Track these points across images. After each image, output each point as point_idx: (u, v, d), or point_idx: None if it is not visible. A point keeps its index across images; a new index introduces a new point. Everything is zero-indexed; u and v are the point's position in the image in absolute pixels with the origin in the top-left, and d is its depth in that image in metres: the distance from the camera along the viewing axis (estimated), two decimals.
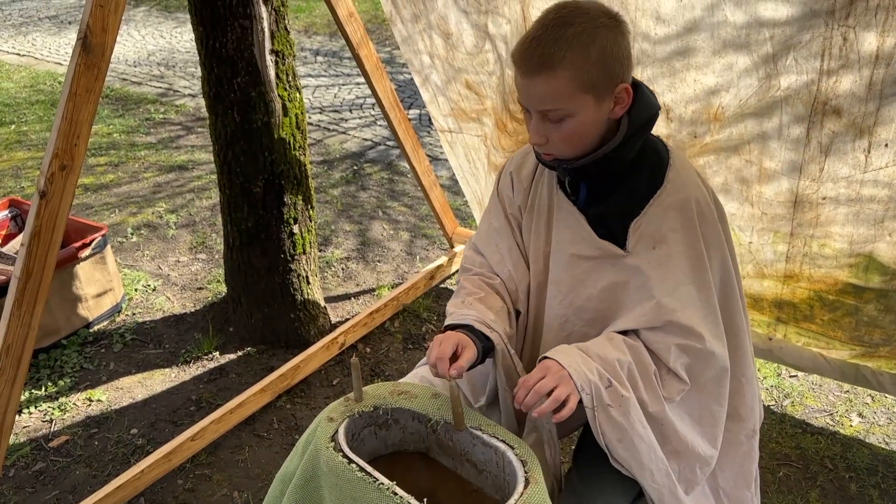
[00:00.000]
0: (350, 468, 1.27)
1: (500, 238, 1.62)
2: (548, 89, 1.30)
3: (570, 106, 1.31)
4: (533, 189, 1.57)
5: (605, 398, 1.34)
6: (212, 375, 2.88)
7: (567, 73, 1.28)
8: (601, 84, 1.31)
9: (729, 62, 1.92)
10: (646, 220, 1.41)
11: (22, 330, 1.83)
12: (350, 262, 3.70)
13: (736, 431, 1.55)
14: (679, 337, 1.39)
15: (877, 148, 1.86)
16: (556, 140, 1.36)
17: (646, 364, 1.40)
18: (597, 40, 1.28)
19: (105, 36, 1.70)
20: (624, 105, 1.36)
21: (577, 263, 1.49)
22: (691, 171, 1.45)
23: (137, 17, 8.65)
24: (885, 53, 1.68)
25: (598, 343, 1.41)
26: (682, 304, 1.39)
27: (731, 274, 1.48)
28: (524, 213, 1.59)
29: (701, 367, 1.42)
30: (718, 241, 1.44)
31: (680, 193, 1.41)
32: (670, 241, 1.40)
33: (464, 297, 1.56)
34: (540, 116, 1.35)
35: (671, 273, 1.40)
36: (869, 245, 2.07)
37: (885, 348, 2.26)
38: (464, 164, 2.97)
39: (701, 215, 1.41)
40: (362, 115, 5.76)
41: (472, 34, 2.40)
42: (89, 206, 4.26)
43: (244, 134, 2.60)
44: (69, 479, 2.41)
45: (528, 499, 1.22)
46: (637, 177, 1.43)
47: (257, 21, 2.45)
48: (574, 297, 1.50)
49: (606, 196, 1.45)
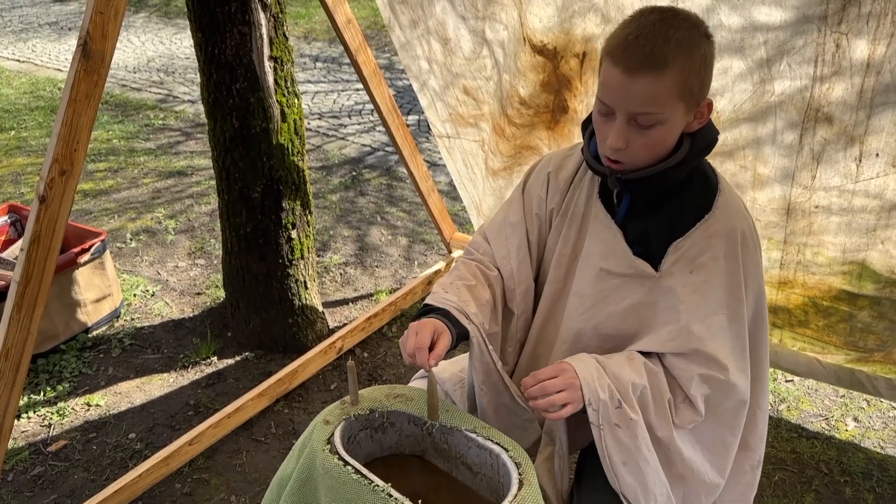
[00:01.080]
0: (346, 470, 1.28)
1: (512, 233, 1.59)
2: (651, 90, 1.24)
3: (666, 111, 1.27)
4: (570, 193, 1.53)
5: (612, 417, 1.33)
6: (210, 380, 2.89)
7: (674, 75, 1.23)
8: (696, 94, 1.28)
9: (724, 66, 1.93)
10: (689, 242, 1.39)
11: (21, 334, 1.84)
12: (348, 268, 3.71)
13: (742, 461, 1.53)
14: (703, 367, 1.37)
15: (868, 157, 1.86)
16: (636, 146, 1.31)
17: (661, 390, 1.38)
18: (700, 47, 1.26)
19: (105, 42, 1.71)
20: (702, 120, 1.34)
21: (604, 278, 1.46)
22: (739, 201, 1.43)
23: (137, 24, 8.68)
24: (876, 61, 1.68)
25: (616, 361, 1.39)
26: (713, 333, 1.37)
27: (765, 307, 1.46)
28: (556, 216, 1.55)
29: (720, 398, 1.40)
30: (757, 274, 1.42)
31: (727, 222, 1.38)
32: (710, 268, 1.37)
33: (454, 279, 1.54)
34: (626, 119, 1.28)
35: (705, 301, 1.37)
36: (861, 253, 2.08)
37: (879, 353, 2.27)
38: (461, 169, 2.99)
39: (745, 246, 1.39)
40: (361, 120, 5.78)
41: (470, 40, 2.42)
42: (88, 211, 4.27)
43: (243, 139, 2.61)
44: (67, 483, 2.41)
45: (522, 501, 1.23)
46: (684, 198, 1.40)
47: (256, 27, 2.47)
48: (596, 312, 1.48)
49: (649, 213, 1.42)
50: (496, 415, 1.53)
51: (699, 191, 1.41)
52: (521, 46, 2.27)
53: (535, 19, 2.17)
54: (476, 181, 2.96)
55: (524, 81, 2.36)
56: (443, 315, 1.45)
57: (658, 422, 1.38)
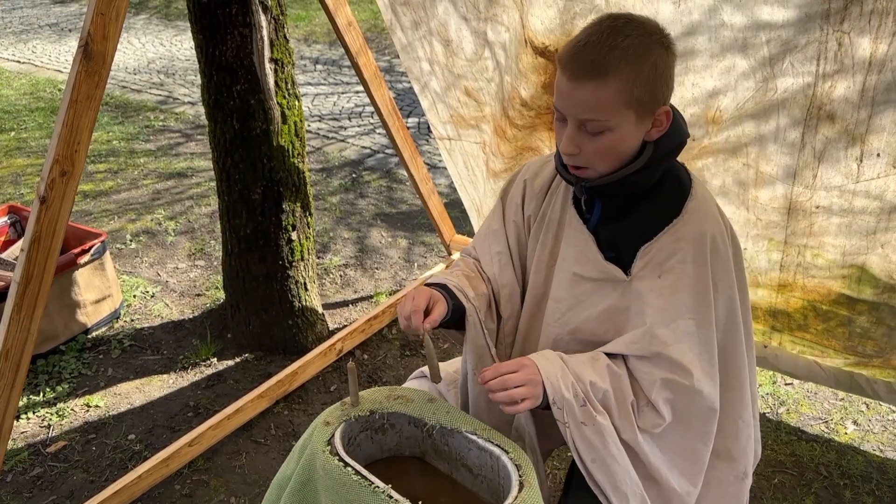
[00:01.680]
0: (346, 472, 1.28)
1: (493, 240, 1.62)
2: (594, 97, 1.25)
3: (612, 119, 1.27)
4: (546, 200, 1.55)
5: (578, 415, 1.34)
6: (210, 381, 2.89)
7: (617, 83, 1.24)
8: (646, 102, 1.28)
9: (727, 65, 1.92)
10: (656, 246, 1.39)
11: (21, 334, 1.84)
12: (348, 269, 3.71)
13: (726, 471, 1.51)
14: (666, 371, 1.36)
15: (868, 157, 1.87)
16: (588, 152, 1.32)
17: (624, 393, 1.38)
18: (650, 56, 1.25)
19: (106, 43, 1.71)
20: (661, 129, 1.34)
21: (578, 283, 1.47)
22: (712, 205, 1.43)
23: (138, 25, 8.68)
24: (878, 60, 1.69)
25: (580, 361, 1.40)
26: (677, 337, 1.36)
27: (738, 315, 1.45)
28: (534, 223, 1.57)
29: (686, 404, 1.38)
30: (728, 280, 1.41)
31: (696, 226, 1.38)
32: (677, 272, 1.37)
33: (455, 269, 1.58)
34: (577, 125, 1.30)
35: (672, 304, 1.37)
36: (861, 256, 2.08)
37: (877, 359, 2.27)
38: (462, 171, 2.99)
39: (714, 251, 1.38)
40: (361, 123, 5.78)
41: (472, 41, 2.42)
42: (88, 212, 4.27)
43: (243, 141, 2.61)
44: (67, 484, 2.41)
45: (523, 503, 1.23)
46: (655, 202, 1.40)
47: (257, 29, 2.47)
48: (572, 317, 1.49)
49: (621, 218, 1.43)
50: (488, 407, 1.54)
51: (670, 195, 1.40)
52: (523, 48, 2.27)
53: (537, 21, 2.17)
54: (477, 183, 2.96)
55: (525, 83, 2.36)
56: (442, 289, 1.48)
57: (622, 424, 1.37)
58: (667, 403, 1.37)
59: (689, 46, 1.95)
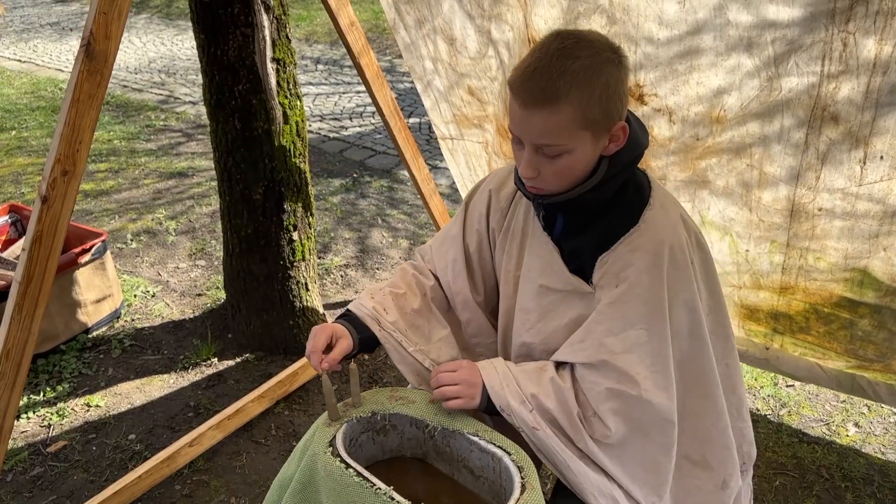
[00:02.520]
0: (348, 473, 1.27)
1: (450, 246, 1.63)
2: (547, 124, 1.25)
3: (568, 143, 1.27)
4: (511, 211, 1.56)
5: (529, 421, 1.36)
6: (210, 381, 2.88)
7: (570, 108, 1.23)
8: (600, 122, 1.27)
9: (731, 64, 1.92)
10: (612, 257, 1.38)
11: (22, 334, 1.83)
12: (349, 270, 3.71)
13: (705, 479, 1.48)
14: (612, 381, 1.35)
15: (872, 160, 1.86)
16: (547, 174, 1.32)
17: (570, 406, 1.37)
18: (601, 76, 1.24)
19: (108, 43, 1.70)
20: (619, 143, 1.33)
21: (545, 294, 1.48)
22: (672, 214, 1.41)
23: (139, 25, 8.68)
24: (883, 61, 1.68)
25: (526, 371, 1.41)
26: (626, 347, 1.34)
27: (702, 324, 1.41)
28: (499, 234, 1.58)
29: (638, 415, 1.36)
30: (689, 290, 1.39)
31: (653, 235, 1.37)
32: (631, 281, 1.35)
33: (385, 286, 1.60)
34: (533, 149, 1.30)
35: (622, 314, 1.36)
36: (863, 260, 2.07)
37: (878, 364, 2.27)
38: (464, 171, 2.98)
39: (672, 261, 1.36)
40: (362, 123, 5.78)
41: (476, 40, 2.41)
42: (89, 212, 4.27)
43: (245, 141, 2.61)
44: (67, 484, 2.41)
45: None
46: (614, 213, 1.40)
47: (259, 29, 2.47)
48: (542, 328, 1.49)
49: (583, 230, 1.43)
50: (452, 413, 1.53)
51: (629, 205, 1.40)
52: (526, 48, 2.26)
53: (540, 21, 2.16)
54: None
55: None
56: (352, 320, 1.52)
57: (574, 434, 1.37)
58: (614, 414, 1.35)
59: (694, 45, 1.94)
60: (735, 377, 1.53)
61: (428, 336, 1.58)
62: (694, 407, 1.44)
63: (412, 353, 1.53)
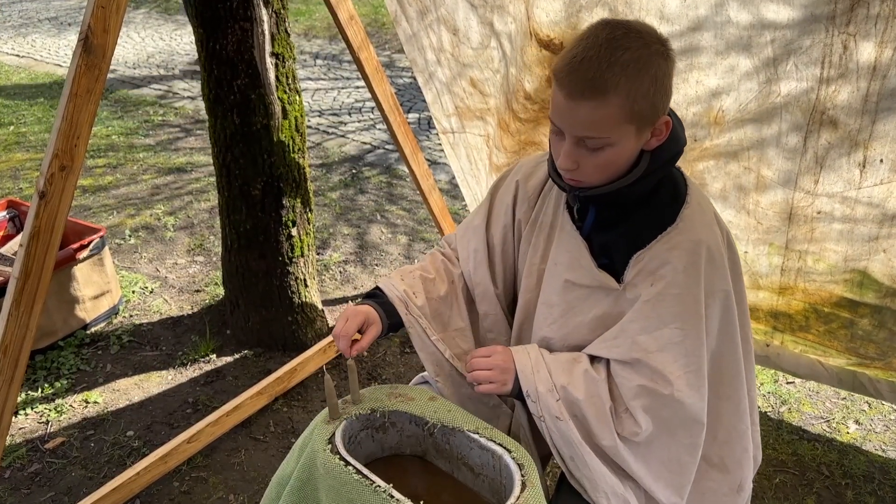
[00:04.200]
0: (347, 471, 1.27)
1: (472, 236, 1.61)
2: (594, 116, 1.21)
3: (613, 136, 1.24)
4: (539, 203, 1.53)
5: (553, 410, 1.34)
6: (209, 378, 2.87)
7: (618, 101, 1.20)
8: (647, 115, 1.24)
9: (731, 64, 1.90)
10: (649, 254, 1.35)
11: (20, 330, 1.82)
12: (348, 266, 3.70)
13: (721, 482, 1.47)
14: (645, 378, 1.33)
15: (871, 164, 1.85)
16: (587, 167, 1.29)
17: (602, 398, 1.36)
18: (650, 68, 1.21)
19: (106, 37, 1.69)
20: (661, 138, 1.31)
21: (570, 289, 1.45)
22: (708, 212, 1.39)
23: (137, 20, 8.66)
24: (882, 65, 1.67)
25: (559, 361, 1.40)
26: (660, 345, 1.33)
27: (734, 323, 1.41)
28: (525, 226, 1.55)
29: (668, 414, 1.34)
30: (724, 288, 1.38)
31: (690, 234, 1.34)
32: (668, 280, 1.34)
33: (415, 268, 1.59)
34: (575, 141, 1.27)
35: (658, 313, 1.34)
36: (863, 262, 2.06)
37: (878, 362, 2.26)
38: (465, 164, 2.97)
39: (710, 260, 1.35)
40: (361, 118, 5.76)
41: (479, 31, 2.39)
42: (87, 207, 4.25)
43: (243, 136, 2.60)
44: (65, 480, 2.40)
45: (525, 502, 1.22)
46: (649, 210, 1.37)
47: (258, 23, 2.46)
48: (564, 323, 1.47)
49: (615, 225, 1.40)
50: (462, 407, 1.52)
51: (665, 202, 1.37)
52: (528, 41, 2.25)
53: (542, 13, 2.15)
54: (479, 177, 2.94)
55: (530, 76, 2.34)
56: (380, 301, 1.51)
57: (600, 430, 1.35)
58: (644, 412, 1.34)
59: (694, 42, 1.93)
60: (752, 379, 1.52)
61: (446, 324, 1.57)
62: (717, 407, 1.42)
63: (434, 342, 1.52)
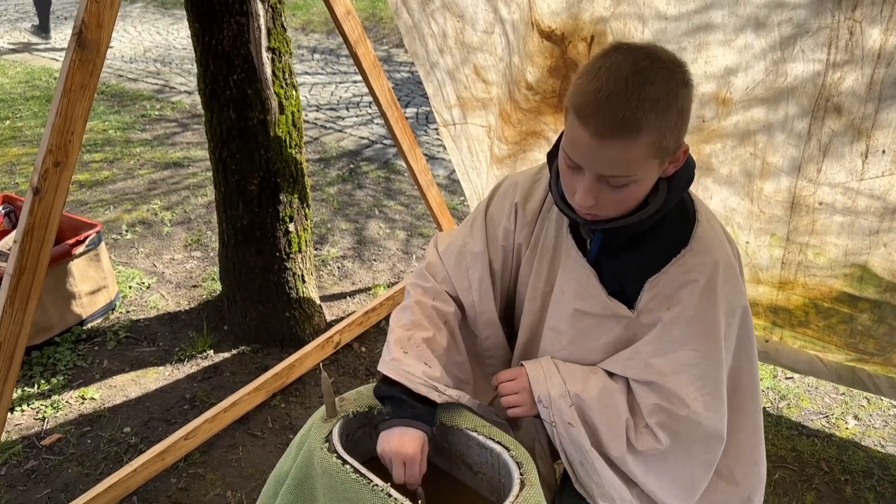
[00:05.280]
0: (344, 469, 1.26)
1: (473, 264, 1.50)
2: (622, 156, 1.15)
3: (639, 172, 1.18)
4: (539, 225, 1.47)
5: (565, 415, 1.32)
6: (206, 374, 2.86)
7: (646, 140, 1.13)
8: (671, 148, 1.19)
9: (740, 44, 1.87)
10: (665, 279, 1.31)
11: (14, 327, 1.81)
12: (346, 261, 3.69)
13: (729, 494, 1.45)
14: (661, 398, 1.31)
15: (874, 154, 1.84)
16: (607, 203, 1.23)
17: (618, 410, 1.33)
18: (677, 101, 1.15)
19: (100, 31, 1.68)
20: (677, 164, 1.26)
21: (580, 318, 1.40)
22: (717, 229, 1.36)
23: (134, 14, 8.63)
24: (887, 52, 1.65)
25: (574, 371, 1.38)
26: (675, 368, 1.30)
27: (752, 339, 1.39)
28: (526, 250, 1.49)
29: (684, 431, 1.32)
30: (741, 303, 1.35)
31: (705, 255, 1.30)
32: (685, 303, 1.30)
33: (411, 330, 1.45)
34: (596, 178, 1.20)
35: (671, 335, 1.31)
36: (863, 256, 2.05)
37: (878, 357, 2.26)
38: (466, 157, 2.95)
39: (726, 279, 1.31)
40: (359, 113, 5.74)
41: (483, 18, 2.37)
42: (84, 202, 4.24)
43: (240, 131, 2.58)
44: (61, 477, 2.39)
45: (524, 501, 1.21)
46: (660, 233, 1.33)
47: (254, 18, 2.44)
48: (574, 350, 1.43)
49: (623, 250, 1.35)
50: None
51: (675, 224, 1.33)
52: (530, 31, 2.24)
53: (544, 4, 2.14)
54: (480, 170, 2.92)
55: (532, 66, 2.33)
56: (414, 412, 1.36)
57: (609, 440, 1.33)
58: (662, 428, 1.32)
59: (705, 20, 1.89)
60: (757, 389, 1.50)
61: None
62: (732, 421, 1.39)
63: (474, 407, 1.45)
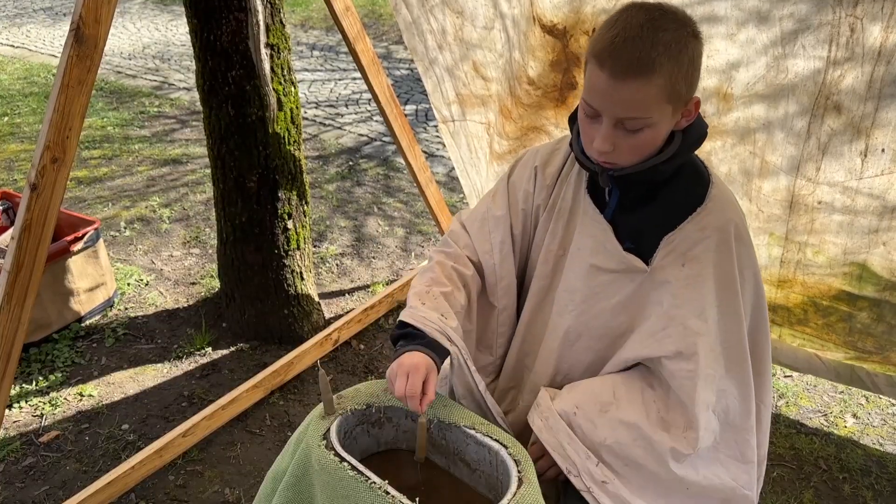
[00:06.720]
0: (342, 467, 1.25)
1: (495, 227, 1.55)
2: (638, 96, 1.21)
3: (654, 115, 1.24)
4: (557, 188, 1.51)
5: (596, 475, 1.34)
6: (204, 371, 2.86)
7: (661, 80, 1.20)
8: (683, 95, 1.26)
9: (742, 39, 1.87)
10: (680, 236, 1.37)
11: (11, 324, 1.81)
12: (345, 258, 3.68)
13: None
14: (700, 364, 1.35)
15: (873, 153, 1.84)
16: (623, 149, 1.29)
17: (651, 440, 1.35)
18: (688, 49, 1.22)
19: (98, 27, 1.67)
20: (690, 118, 1.32)
21: (595, 274, 1.44)
22: (730, 193, 1.42)
23: (133, 10, 8.61)
24: (888, 50, 1.65)
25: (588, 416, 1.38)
26: (708, 328, 1.35)
27: (763, 297, 1.43)
28: (543, 212, 1.53)
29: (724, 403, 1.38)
30: (753, 266, 1.40)
31: (720, 214, 1.36)
32: (702, 260, 1.35)
33: (430, 284, 1.49)
34: (613, 123, 1.26)
35: (699, 294, 1.35)
36: (862, 255, 2.05)
37: (876, 356, 2.26)
38: (465, 154, 2.94)
39: (739, 238, 1.37)
40: (358, 110, 5.74)
41: (483, 13, 2.37)
42: (82, 199, 4.23)
43: (238, 128, 2.58)
44: (59, 474, 2.39)
45: (522, 499, 1.20)
46: (674, 191, 1.38)
47: (252, 14, 2.43)
48: (586, 308, 1.46)
49: (639, 207, 1.41)
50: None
51: (690, 183, 1.39)
52: (531, 26, 2.23)
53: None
54: (479, 167, 2.92)
55: (534, 61, 2.32)
56: (424, 341, 1.40)
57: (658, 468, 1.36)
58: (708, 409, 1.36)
59: (710, 11, 1.88)
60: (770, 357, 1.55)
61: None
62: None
63: (472, 373, 1.47)
